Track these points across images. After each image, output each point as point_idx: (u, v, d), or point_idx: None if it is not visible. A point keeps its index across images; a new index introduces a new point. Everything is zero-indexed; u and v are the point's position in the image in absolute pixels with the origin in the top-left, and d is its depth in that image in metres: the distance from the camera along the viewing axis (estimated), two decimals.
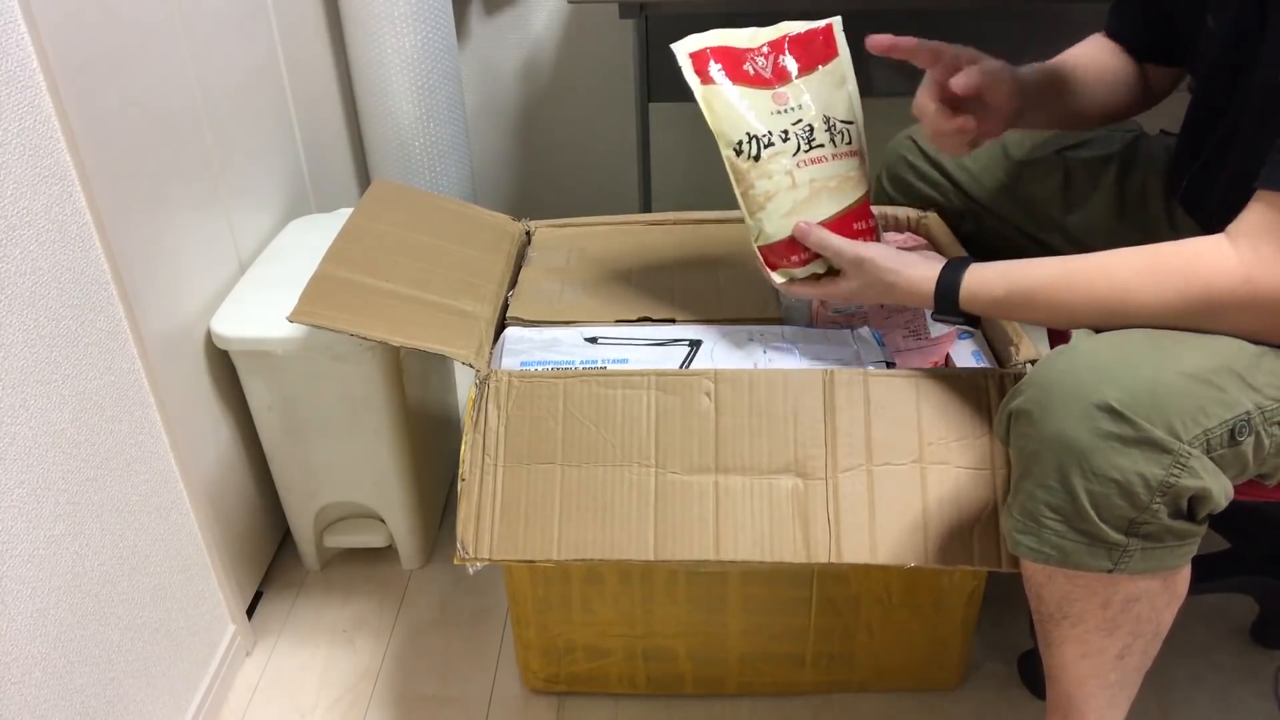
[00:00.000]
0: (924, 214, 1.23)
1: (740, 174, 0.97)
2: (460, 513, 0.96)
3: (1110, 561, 0.76)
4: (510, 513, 0.96)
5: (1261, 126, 0.84)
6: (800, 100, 0.98)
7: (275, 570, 1.40)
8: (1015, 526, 0.79)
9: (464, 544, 0.96)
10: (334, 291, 1.04)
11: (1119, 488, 0.72)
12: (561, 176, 2.03)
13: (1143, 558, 0.75)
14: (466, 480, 0.97)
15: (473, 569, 0.96)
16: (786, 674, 1.16)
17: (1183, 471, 0.72)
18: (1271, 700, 1.16)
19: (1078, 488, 0.74)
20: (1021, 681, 1.19)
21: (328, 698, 1.21)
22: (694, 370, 0.97)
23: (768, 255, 0.99)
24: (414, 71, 1.55)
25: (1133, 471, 0.72)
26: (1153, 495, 0.72)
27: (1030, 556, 0.79)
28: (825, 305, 1.18)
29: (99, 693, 0.96)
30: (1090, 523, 0.74)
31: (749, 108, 0.97)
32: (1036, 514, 0.77)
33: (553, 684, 1.19)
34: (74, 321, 0.93)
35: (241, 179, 1.31)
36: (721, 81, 0.98)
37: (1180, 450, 0.72)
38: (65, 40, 0.92)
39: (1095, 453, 0.72)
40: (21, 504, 0.85)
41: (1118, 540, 0.75)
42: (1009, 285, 0.86)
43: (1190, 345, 0.77)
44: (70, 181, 0.92)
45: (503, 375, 0.98)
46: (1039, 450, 0.75)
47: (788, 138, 0.97)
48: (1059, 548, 0.76)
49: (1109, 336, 0.79)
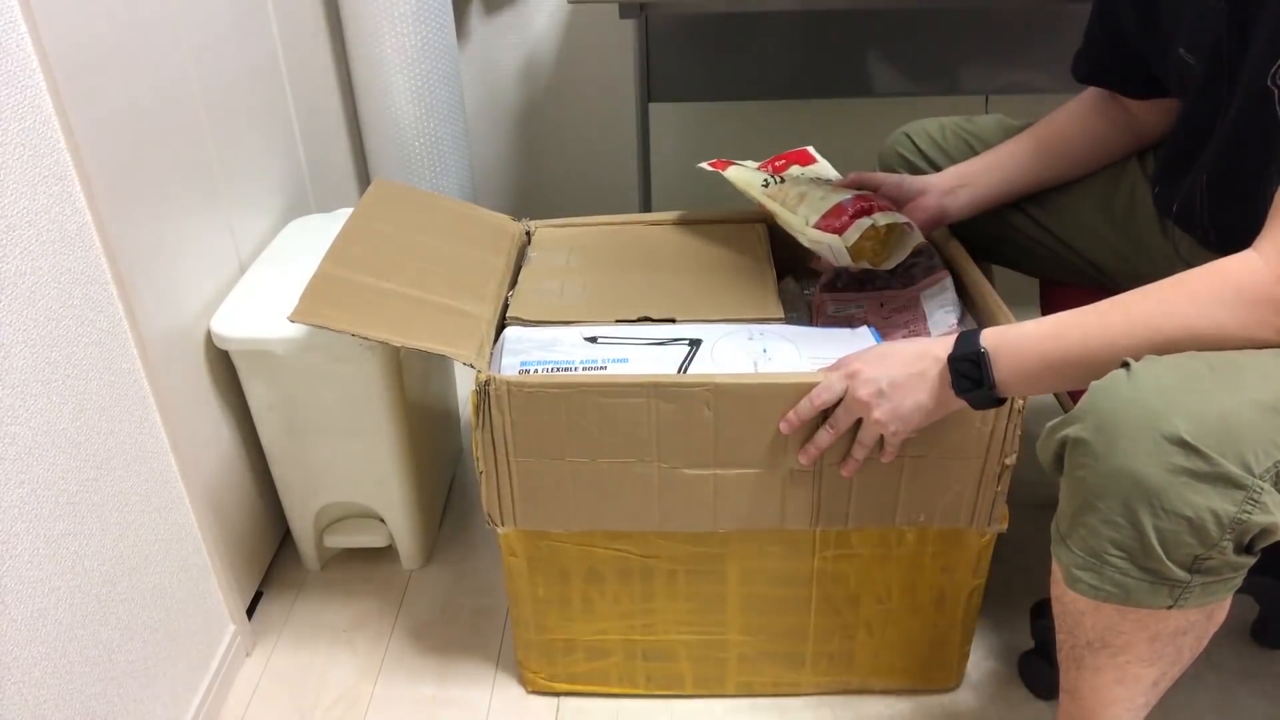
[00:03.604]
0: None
1: (774, 194, 1.19)
2: (484, 494, 1.03)
3: (1170, 599, 0.73)
4: (527, 493, 1.03)
5: (1249, 128, 0.84)
6: (793, 173, 1.28)
7: (275, 570, 1.40)
8: (1075, 563, 0.76)
9: (490, 516, 1.05)
10: (334, 291, 1.04)
11: (1190, 525, 0.69)
12: (561, 176, 2.03)
13: (1201, 593, 0.73)
14: (485, 468, 1.01)
15: (500, 531, 1.05)
16: (786, 674, 1.16)
17: (1255, 507, 0.69)
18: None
19: (1146, 525, 0.70)
20: (1022, 681, 1.19)
21: (328, 698, 1.21)
22: (693, 380, 0.97)
23: (825, 225, 1.10)
24: (414, 71, 1.55)
25: (1205, 508, 0.69)
26: (1223, 532, 0.69)
27: (1090, 595, 0.76)
28: (826, 305, 1.18)
29: (99, 693, 0.96)
30: (1157, 560, 0.71)
31: (759, 173, 1.27)
32: (1100, 551, 0.74)
33: (553, 684, 1.19)
34: (74, 321, 0.93)
35: (241, 179, 1.31)
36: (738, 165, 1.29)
37: (1254, 485, 0.68)
38: (65, 40, 0.92)
39: (1167, 489, 0.69)
40: (21, 504, 0.85)
41: (1181, 578, 0.72)
42: (1036, 322, 0.82)
43: (1252, 370, 0.73)
44: (70, 181, 0.92)
45: (502, 385, 0.97)
46: (1104, 485, 0.72)
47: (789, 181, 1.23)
48: (1121, 585, 0.74)
49: (1168, 361, 0.74)
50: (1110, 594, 0.74)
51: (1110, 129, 1.11)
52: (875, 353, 0.92)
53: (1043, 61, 1.63)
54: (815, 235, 1.10)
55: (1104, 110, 1.11)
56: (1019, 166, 1.13)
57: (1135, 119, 1.10)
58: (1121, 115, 1.11)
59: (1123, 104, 1.10)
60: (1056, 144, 1.13)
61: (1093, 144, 1.12)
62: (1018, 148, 1.14)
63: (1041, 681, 1.17)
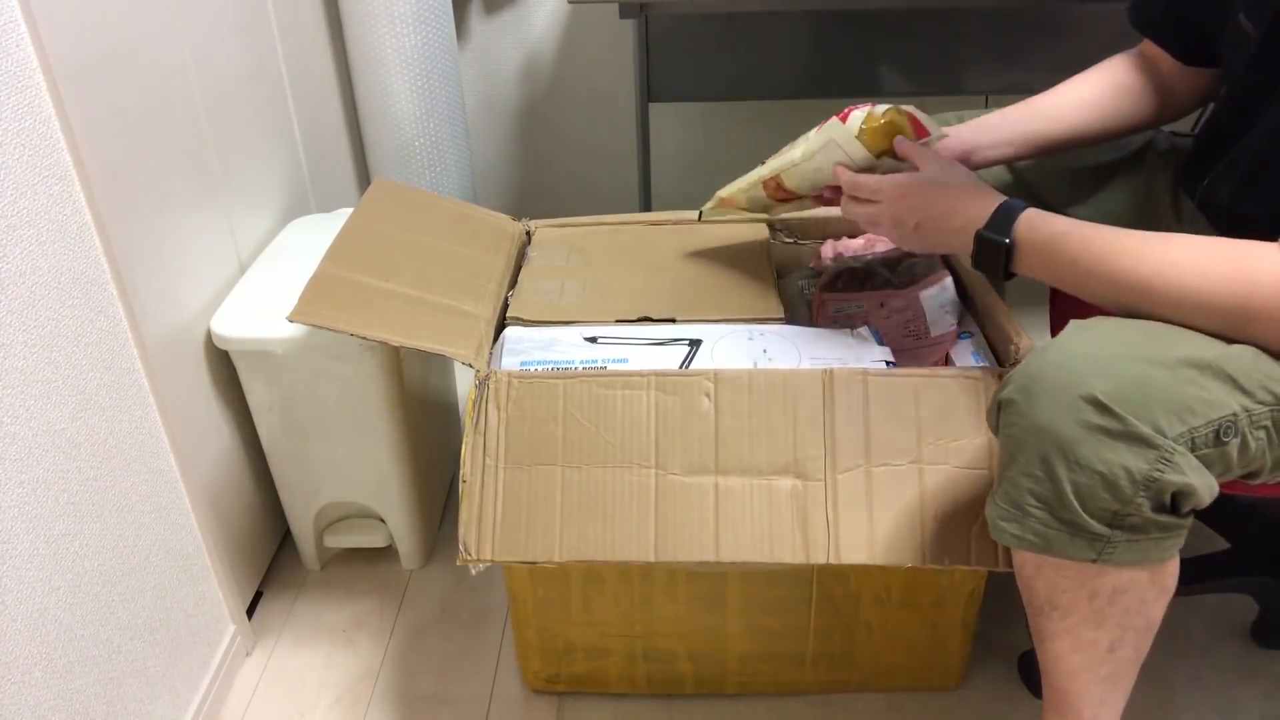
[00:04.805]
0: None
1: (766, 162, 1.11)
2: (462, 514, 0.97)
3: (1094, 552, 0.76)
4: (511, 514, 0.97)
5: None
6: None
7: (275, 570, 1.40)
8: (999, 513, 0.80)
9: (466, 545, 0.96)
10: (334, 291, 1.04)
11: (1103, 480, 0.73)
12: (561, 176, 2.03)
13: (1127, 549, 0.76)
14: (468, 482, 0.97)
15: (475, 570, 0.96)
16: (786, 674, 1.16)
17: (1167, 467, 0.72)
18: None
19: (1062, 477, 0.74)
20: (1021, 681, 1.19)
21: (328, 698, 1.21)
22: (694, 370, 0.97)
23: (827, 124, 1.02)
24: (414, 71, 1.55)
25: (1117, 464, 0.72)
26: (1136, 489, 0.73)
27: (1013, 544, 0.79)
28: (826, 305, 1.18)
29: (99, 693, 0.96)
30: (1073, 512, 0.75)
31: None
32: (1020, 501, 0.77)
33: (553, 684, 1.19)
34: (74, 321, 0.93)
35: (241, 179, 1.31)
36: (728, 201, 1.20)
37: (1165, 446, 0.72)
38: (65, 40, 0.92)
39: (1080, 444, 0.73)
40: (21, 504, 0.85)
41: (1101, 531, 0.75)
42: (1070, 225, 0.85)
43: (1184, 342, 0.77)
44: (70, 181, 0.92)
45: (502, 376, 0.98)
46: (1024, 438, 0.76)
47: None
48: (1042, 535, 0.77)
49: (1103, 327, 0.79)
50: (1032, 543, 0.78)
51: (1143, 92, 1.07)
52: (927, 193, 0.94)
53: (1043, 62, 1.63)
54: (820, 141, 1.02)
55: (1139, 72, 1.07)
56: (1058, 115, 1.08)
57: (1166, 86, 1.06)
58: (1155, 79, 1.07)
59: (1160, 69, 1.06)
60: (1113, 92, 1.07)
61: (1135, 102, 1.07)
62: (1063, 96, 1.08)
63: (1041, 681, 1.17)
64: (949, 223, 0.92)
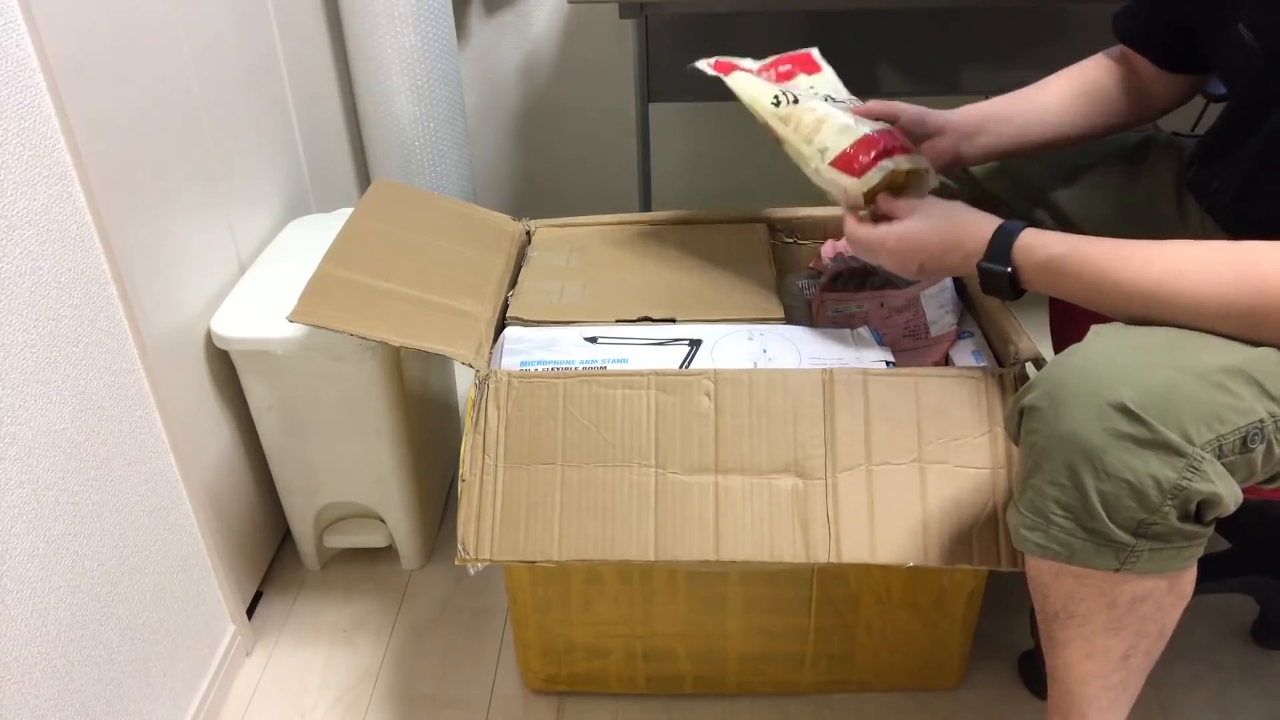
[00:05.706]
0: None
1: (785, 116, 1.06)
2: (461, 514, 0.97)
3: (1117, 561, 0.75)
4: (511, 513, 0.97)
5: None
6: (801, 86, 1.13)
7: (275, 570, 1.40)
8: (1023, 522, 0.78)
9: (464, 545, 0.96)
10: (334, 291, 1.04)
11: (1130, 489, 0.72)
12: (561, 176, 2.03)
13: (1150, 558, 0.75)
14: (467, 481, 0.97)
15: (473, 569, 0.96)
16: (786, 674, 1.16)
17: (1195, 475, 0.71)
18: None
19: (1089, 486, 0.73)
20: (1021, 681, 1.19)
21: (328, 698, 1.21)
22: (694, 370, 0.97)
23: (842, 166, 1.01)
24: (414, 71, 1.55)
25: (1145, 473, 0.71)
26: (1164, 497, 0.72)
27: (1037, 553, 0.78)
28: (826, 305, 1.18)
29: (99, 693, 0.96)
30: (1099, 522, 0.74)
31: (766, 83, 1.11)
32: (1045, 510, 0.76)
33: (553, 684, 1.19)
34: (74, 321, 0.93)
35: (241, 179, 1.31)
36: (741, 70, 1.14)
37: (1194, 454, 0.71)
38: (65, 40, 0.92)
39: (1108, 452, 0.72)
40: (21, 504, 0.85)
41: (1126, 540, 0.74)
42: (1068, 245, 0.85)
43: (1210, 347, 0.76)
44: (70, 181, 0.92)
45: (502, 375, 0.98)
46: (1050, 447, 0.75)
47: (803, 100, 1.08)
48: (1066, 545, 0.76)
49: (1126, 333, 0.78)
50: (1056, 553, 0.77)
51: (1120, 94, 1.08)
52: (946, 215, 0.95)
53: (1043, 61, 1.62)
54: (830, 175, 1.01)
55: (1116, 73, 1.08)
56: (1039, 117, 1.10)
57: (1146, 88, 1.07)
58: (1133, 81, 1.07)
59: (1138, 72, 1.07)
60: (1090, 92, 1.09)
61: (1112, 102, 1.08)
62: (1044, 96, 1.10)
63: (1041, 681, 1.16)
64: (949, 259, 0.93)
